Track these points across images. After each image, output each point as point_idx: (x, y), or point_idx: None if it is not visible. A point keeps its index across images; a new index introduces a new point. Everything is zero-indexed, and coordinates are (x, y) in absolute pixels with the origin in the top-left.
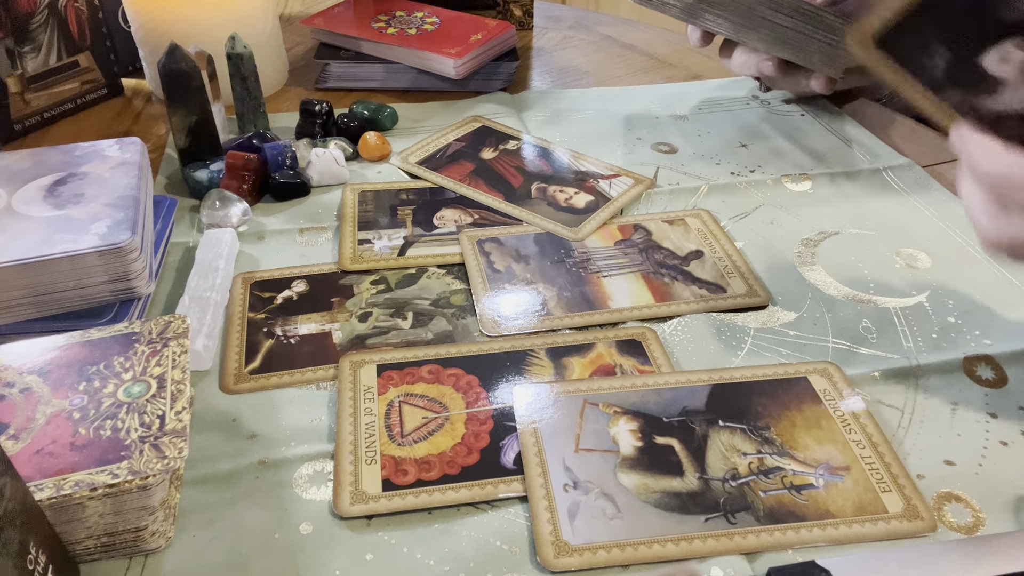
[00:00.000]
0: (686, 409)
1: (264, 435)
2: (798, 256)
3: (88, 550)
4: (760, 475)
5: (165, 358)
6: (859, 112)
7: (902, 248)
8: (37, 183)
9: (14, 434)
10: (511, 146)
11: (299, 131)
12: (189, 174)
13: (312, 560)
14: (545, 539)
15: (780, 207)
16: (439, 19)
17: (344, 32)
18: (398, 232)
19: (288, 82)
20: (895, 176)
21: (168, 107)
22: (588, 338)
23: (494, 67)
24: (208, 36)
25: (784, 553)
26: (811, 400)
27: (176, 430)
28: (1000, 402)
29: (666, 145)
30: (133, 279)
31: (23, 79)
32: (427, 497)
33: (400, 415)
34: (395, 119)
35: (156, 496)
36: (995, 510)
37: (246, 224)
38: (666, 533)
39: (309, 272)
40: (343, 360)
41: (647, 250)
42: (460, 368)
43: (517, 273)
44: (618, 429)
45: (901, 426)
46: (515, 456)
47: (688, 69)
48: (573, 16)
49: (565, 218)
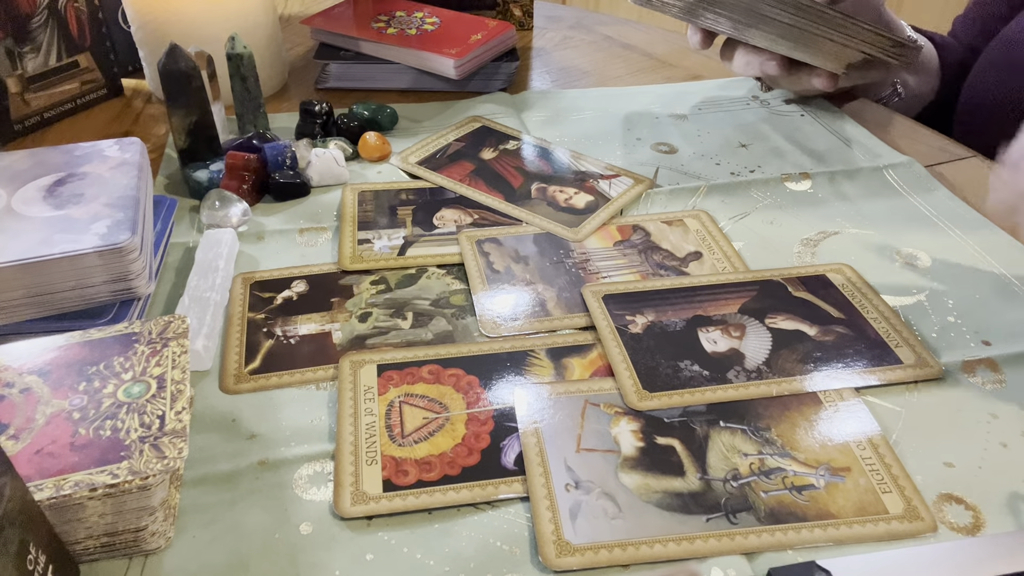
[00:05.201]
0: (687, 410)
1: (264, 435)
2: (798, 256)
3: (88, 550)
4: (761, 476)
5: (165, 358)
6: (859, 112)
7: (902, 248)
8: (37, 183)
9: (14, 434)
10: (511, 146)
11: (299, 131)
12: (189, 174)
13: (312, 560)
14: (547, 538)
15: (780, 207)
16: (439, 19)
17: (344, 32)
18: (398, 232)
19: (288, 82)
20: (895, 175)
21: (168, 107)
22: (588, 338)
23: (494, 67)
24: (208, 36)
25: (784, 553)
26: (811, 401)
27: (176, 430)
28: (1000, 403)
29: (666, 145)
30: (133, 279)
31: (23, 79)
32: (428, 498)
33: (400, 415)
34: (395, 119)
35: (156, 496)
36: (995, 511)
37: (246, 224)
38: (667, 533)
39: (309, 272)
40: (343, 360)
41: (646, 251)
42: (460, 368)
43: (516, 273)
44: (619, 429)
45: (901, 427)
46: (515, 456)
47: (688, 69)
48: (573, 16)
49: (565, 218)
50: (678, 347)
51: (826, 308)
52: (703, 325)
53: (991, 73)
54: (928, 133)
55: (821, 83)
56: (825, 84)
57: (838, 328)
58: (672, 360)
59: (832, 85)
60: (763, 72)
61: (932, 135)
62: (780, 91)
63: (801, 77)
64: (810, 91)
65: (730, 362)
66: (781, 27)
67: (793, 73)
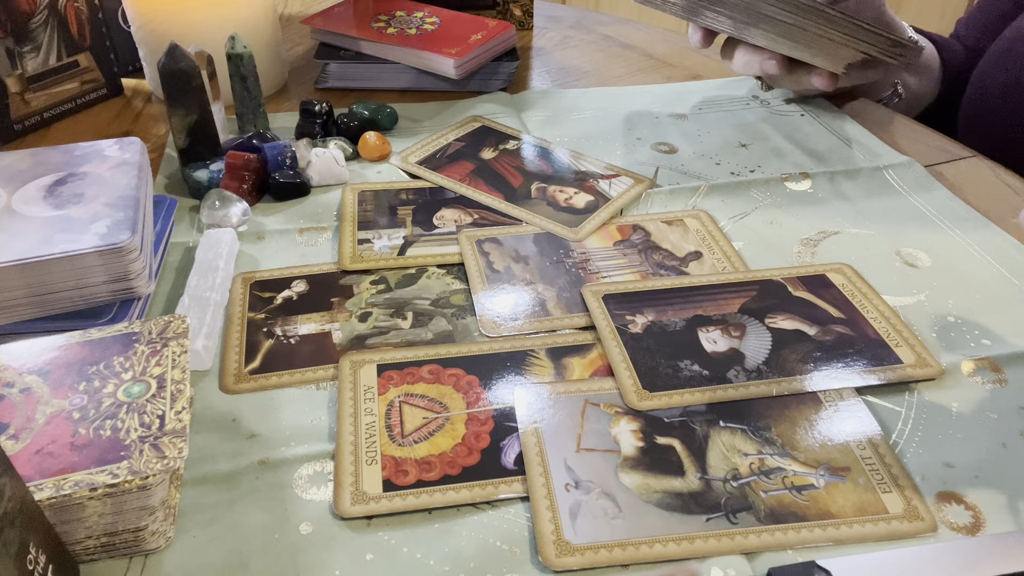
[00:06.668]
0: (687, 410)
1: (264, 435)
2: (798, 256)
3: (88, 550)
4: (761, 475)
5: (165, 358)
6: (859, 112)
7: (902, 248)
8: (37, 183)
9: (14, 434)
10: (511, 146)
11: (299, 131)
12: (189, 174)
13: (312, 560)
14: (547, 538)
15: (780, 207)
16: (439, 19)
17: (344, 32)
18: (398, 232)
19: (288, 82)
20: (895, 175)
21: (168, 107)
22: (588, 338)
23: (494, 67)
24: (208, 36)
25: (784, 553)
26: (811, 401)
27: (176, 430)
28: (1000, 403)
29: (666, 145)
30: (133, 279)
31: (23, 79)
32: (428, 497)
33: (400, 415)
34: (395, 119)
35: (156, 496)
36: (995, 510)
37: (246, 224)
38: (667, 533)
39: (309, 272)
40: (343, 360)
41: (646, 251)
42: (460, 368)
43: (516, 273)
44: (619, 429)
45: (901, 427)
46: (515, 456)
47: (688, 69)
48: (573, 16)
49: (565, 218)
50: (678, 347)
51: (826, 308)
52: (703, 325)
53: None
54: (928, 133)
55: (821, 83)
56: (825, 84)
57: (838, 328)
58: (672, 360)
59: (832, 85)
60: (763, 71)
61: (932, 135)
62: (780, 91)
63: (801, 76)
64: (810, 91)
65: (730, 362)
66: (781, 26)
67: (793, 72)
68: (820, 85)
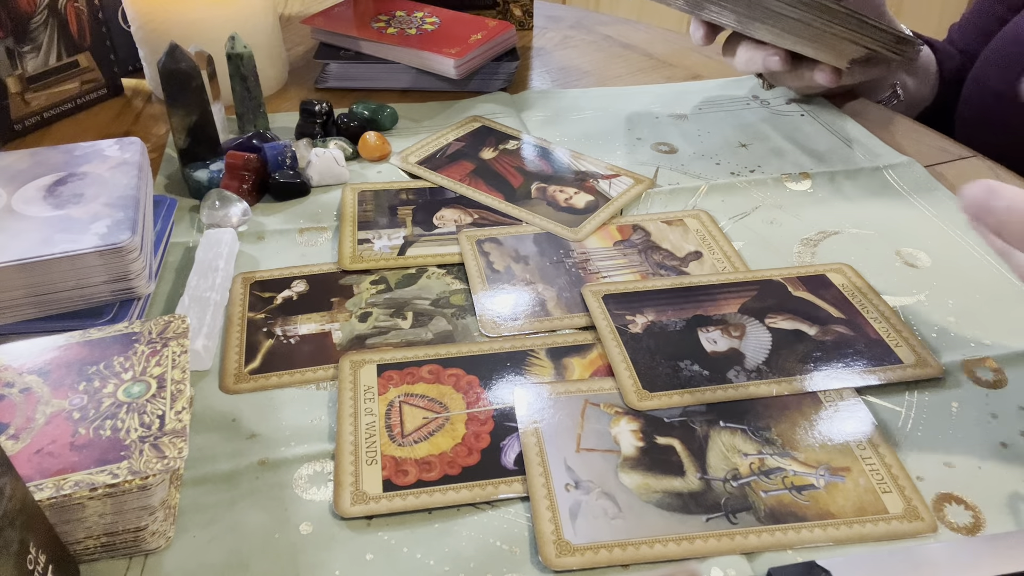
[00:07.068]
0: (687, 410)
1: (264, 435)
2: (798, 256)
3: (88, 550)
4: (761, 475)
5: (165, 358)
6: (859, 112)
7: (902, 248)
8: (37, 183)
9: (14, 434)
10: (511, 146)
11: (299, 131)
12: (189, 174)
13: (312, 560)
14: (547, 538)
15: (780, 207)
16: (439, 19)
17: (344, 32)
18: (398, 232)
19: (288, 82)
20: (895, 175)
21: (168, 107)
22: (588, 338)
23: (494, 67)
24: (208, 36)
25: (784, 553)
26: (811, 401)
27: (176, 430)
28: (1000, 403)
29: (666, 145)
30: (133, 279)
31: (23, 79)
32: (428, 497)
33: (400, 415)
34: (395, 119)
35: (156, 496)
36: (995, 510)
37: (246, 224)
38: (667, 533)
39: (309, 272)
40: (343, 360)
41: (646, 251)
42: (460, 368)
43: (516, 273)
44: (619, 429)
45: (901, 427)
46: (515, 456)
47: (688, 69)
48: (573, 16)
49: (565, 218)
50: (678, 347)
51: (826, 308)
52: (703, 325)
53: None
54: (928, 133)
55: (824, 78)
56: (828, 79)
57: (838, 328)
58: (672, 360)
59: (835, 80)
60: (766, 67)
61: (932, 135)
62: (781, 91)
63: (804, 72)
64: (812, 87)
65: (730, 362)
66: (785, 21)
67: (796, 68)
68: (823, 81)
